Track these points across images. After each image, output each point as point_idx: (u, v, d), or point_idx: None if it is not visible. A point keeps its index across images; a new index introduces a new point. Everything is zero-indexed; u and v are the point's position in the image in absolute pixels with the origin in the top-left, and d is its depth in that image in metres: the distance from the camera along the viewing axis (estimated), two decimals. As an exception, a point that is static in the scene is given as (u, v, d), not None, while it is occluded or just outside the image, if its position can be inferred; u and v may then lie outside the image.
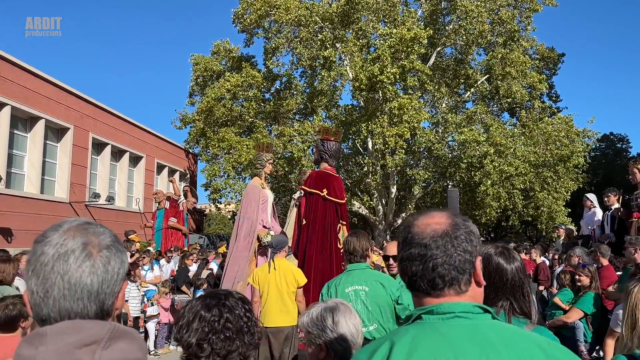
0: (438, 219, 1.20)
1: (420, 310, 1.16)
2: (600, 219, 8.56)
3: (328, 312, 2.01)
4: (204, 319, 1.51)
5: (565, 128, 18.77)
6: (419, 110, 17.51)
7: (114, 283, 1.09)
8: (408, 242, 1.19)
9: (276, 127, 20.73)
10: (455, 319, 1.11)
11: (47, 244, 1.07)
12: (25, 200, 14.15)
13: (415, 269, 1.16)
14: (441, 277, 1.15)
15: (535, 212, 19.06)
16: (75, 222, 1.13)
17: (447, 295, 1.16)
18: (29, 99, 14.29)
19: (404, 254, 1.19)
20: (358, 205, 21.09)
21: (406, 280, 1.19)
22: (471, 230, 1.20)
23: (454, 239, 1.16)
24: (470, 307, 1.13)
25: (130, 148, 19.87)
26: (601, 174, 29.28)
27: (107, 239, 1.12)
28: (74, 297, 1.04)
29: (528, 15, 20.40)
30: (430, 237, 1.16)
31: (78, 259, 1.05)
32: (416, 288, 1.18)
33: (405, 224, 1.25)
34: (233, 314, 1.53)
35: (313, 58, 20.23)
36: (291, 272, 5.26)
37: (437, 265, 1.15)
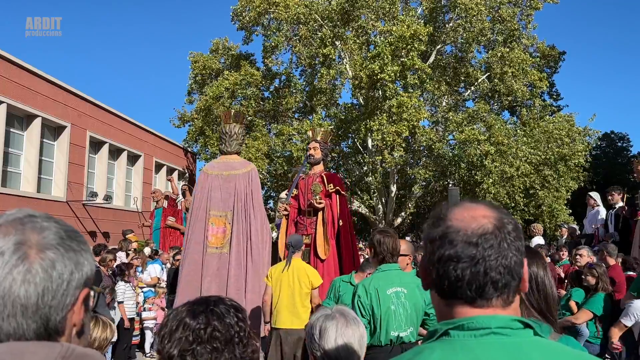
0: (483, 211, 0.99)
1: (448, 325, 0.95)
2: (604, 218, 8.47)
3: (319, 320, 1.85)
4: (189, 327, 1.32)
5: (566, 127, 18.67)
6: (419, 109, 17.39)
7: (64, 293, 0.85)
8: (447, 240, 0.96)
9: (275, 126, 20.61)
10: (491, 335, 0.91)
11: None
12: (22, 199, 14.01)
13: (460, 272, 0.94)
14: (494, 283, 0.94)
15: (537, 211, 18.95)
16: (12, 216, 0.88)
17: (494, 306, 0.95)
18: (26, 97, 14.15)
19: (442, 253, 0.96)
20: (358, 204, 20.97)
21: (444, 285, 0.97)
22: (517, 225, 1.00)
23: (507, 234, 0.96)
24: (508, 322, 0.93)
25: (128, 147, 19.73)
26: (602, 173, 29.20)
27: (52, 235, 0.87)
28: (2, 314, 0.81)
29: (529, 13, 20.28)
30: (480, 234, 0.95)
31: (7, 264, 0.82)
32: (458, 295, 0.96)
33: (437, 217, 1.02)
34: (223, 322, 1.33)
35: (312, 56, 20.10)
36: (305, 273, 5.13)
37: (490, 268, 0.93)
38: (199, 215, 6.12)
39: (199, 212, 6.13)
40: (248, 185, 6.17)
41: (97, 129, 17.61)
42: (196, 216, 6.14)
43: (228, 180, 6.17)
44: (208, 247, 5.95)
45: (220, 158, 6.48)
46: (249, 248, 5.93)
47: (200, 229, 6.06)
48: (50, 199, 15.37)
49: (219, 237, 6.00)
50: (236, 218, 6.04)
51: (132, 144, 19.94)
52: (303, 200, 6.98)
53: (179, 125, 23.44)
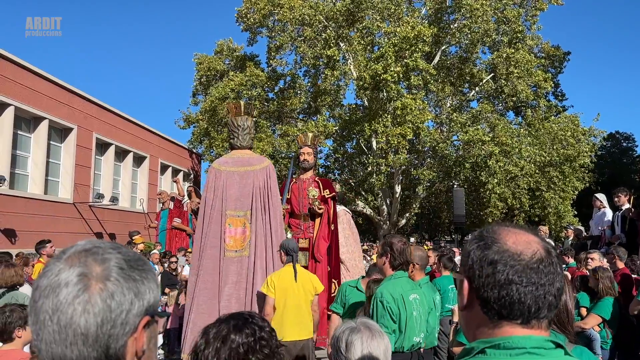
0: (531, 237, 1.07)
1: (485, 344, 1.00)
2: (611, 220, 8.44)
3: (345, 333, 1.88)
4: (235, 341, 1.36)
5: (571, 127, 18.64)
6: (423, 111, 17.39)
7: (123, 322, 0.88)
8: (509, 264, 1.01)
9: (280, 127, 20.64)
10: (525, 355, 0.97)
11: (44, 275, 0.89)
12: (29, 201, 14.09)
13: (522, 295, 1.00)
14: (549, 306, 1.01)
15: (542, 212, 18.93)
16: (80, 247, 0.93)
17: (543, 327, 1.02)
18: (33, 99, 14.23)
19: (504, 276, 1.01)
20: (362, 205, 21.00)
21: (501, 306, 1.01)
22: (557, 251, 1.09)
23: (556, 259, 1.05)
24: (542, 342, 0.99)
25: (134, 148, 19.81)
26: (607, 173, 29.13)
27: (113, 266, 0.91)
28: (65, 342, 0.85)
29: (534, 14, 20.26)
30: (538, 259, 1.02)
31: (70, 294, 0.86)
32: (512, 317, 1.01)
33: (485, 238, 1.07)
34: (264, 331, 1.40)
35: (317, 57, 20.14)
36: (309, 279, 4.76)
37: (549, 292, 1.01)
38: (213, 216, 5.62)
39: (213, 213, 5.63)
40: (266, 181, 5.76)
41: (103, 130, 17.70)
42: (210, 217, 5.62)
43: (245, 176, 5.72)
44: (226, 251, 5.52)
45: (232, 153, 5.98)
46: (272, 249, 5.51)
47: (216, 232, 5.58)
48: (57, 201, 15.46)
49: (237, 239, 5.58)
50: (256, 217, 5.60)
51: (137, 145, 20.03)
52: (298, 205, 7.05)
53: (184, 127, 23.52)
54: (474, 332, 1.06)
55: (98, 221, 17.04)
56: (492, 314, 1.02)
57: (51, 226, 14.45)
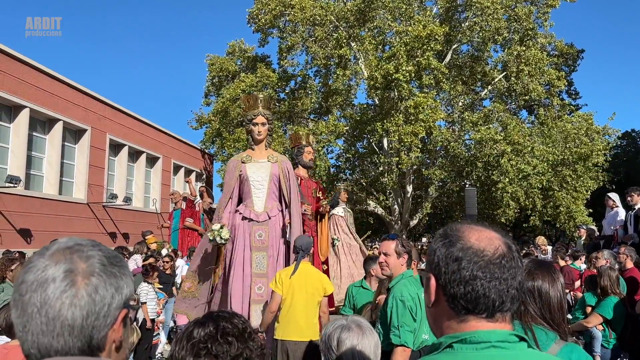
0: (492, 233, 1.10)
1: (453, 339, 1.04)
2: (623, 219, 8.36)
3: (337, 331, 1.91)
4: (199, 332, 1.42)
5: (585, 126, 18.43)
6: (435, 109, 17.33)
7: (105, 314, 0.95)
8: (472, 260, 1.05)
9: (291, 127, 20.70)
10: (490, 349, 1.01)
11: (30, 271, 0.94)
12: (44, 202, 14.32)
13: (486, 290, 1.03)
14: (512, 299, 1.05)
15: (555, 212, 18.74)
16: (63, 244, 0.99)
17: (507, 320, 1.06)
18: (47, 101, 14.46)
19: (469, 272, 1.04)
20: (374, 204, 20.97)
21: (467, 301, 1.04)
22: (517, 246, 1.13)
23: (517, 254, 1.09)
24: (506, 336, 1.03)
25: (147, 149, 20.01)
26: (622, 172, 28.74)
27: (96, 263, 0.97)
28: (52, 333, 0.91)
29: (545, 11, 20.06)
30: (500, 254, 1.06)
31: (58, 289, 0.92)
32: (477, 311, 1.04)
33: (448, 236, 1.10)
34: (231, 322, 1.44)
35: (328, 57, 20.16)
36: (319, 279, 4.60)
37: (511, 285, 1.05)
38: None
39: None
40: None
41: (117, 131, 17.91)
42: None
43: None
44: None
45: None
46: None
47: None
48: (72, 201, 15.68)
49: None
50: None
51: (150, 146, 20.23)
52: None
53: (197, 127, 23.70)
54: (442, 328, 1.10)
55: (112, 221, 17.25)
56: (459, 309, 1.06)
57: (66, 226, 14.66)
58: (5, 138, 13.54)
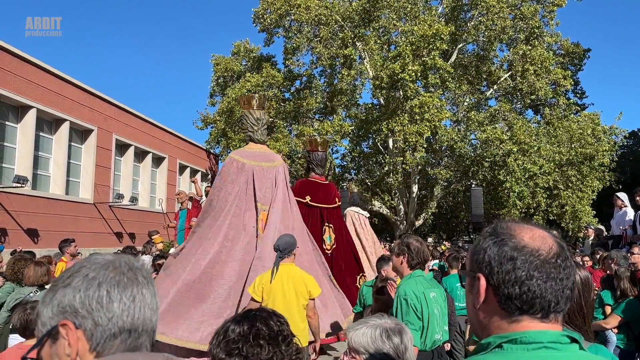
0: (544, 232, 1.07)
1: (502, 338, 1.01)
2: (632, 219, 8.30)
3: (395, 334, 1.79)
4: (234, 331, 1.46)
5: (591, 126, 18.36)
6: (441, 109, 17.30)
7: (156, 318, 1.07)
8: (528, 259, 1.02)
9: (296, 127, 20.70)
10: (542, 349, 0.98)
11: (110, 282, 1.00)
12: (51, 202, 14.37)
13: (542, 290, 1.01)
14: (567, 299, 1.03)
15: (560, 212, 18.67)
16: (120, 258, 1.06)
17: (556, 322, 1.04)
18: (54, 102, 14.50)
19: (524, 272, 1.01)
20: (379, 204, 20.95)
21: (521, 301, 1.01)
22: (569, 247, 1.13)
23: (569, 253, 1.06)
24: (558, 337, 1.00)
25: (153, 149, 20.05)
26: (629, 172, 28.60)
27: (145, 272, 1.07)
28: (139, 333, 1.00)
29: (551, 9, 20.00)
30: (554, 254, 1.03)
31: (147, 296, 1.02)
32: (531, 311, 1.01)
33: (499, 234, 1.06)
34: (266, 324, 1.46)
35: (333, 57, 20.16)
36: (303, 282, 4.29)
37: (566, 286, 1.02)
38: (247, 203, 5.52)
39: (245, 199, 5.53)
40: (287, 177, 5.81)
41: (123, 132, 17.95)
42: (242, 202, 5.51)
43: (268, 172, 5.67)
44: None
45: (252, 147, 5.87)
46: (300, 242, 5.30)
47: (252, 217, 5.52)
48: (78, 201, 15.72)
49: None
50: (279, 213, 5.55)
51: (156, 146, 20.27)
52: None
53: (202, 127, 23.74)
54: (490, 329, 1.06)
55: (118, 221, 17.29)
56: (512, 309, 1.03)
57: (72, 226, 14.71)
58: (12, 138, 13.59)
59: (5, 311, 4.70)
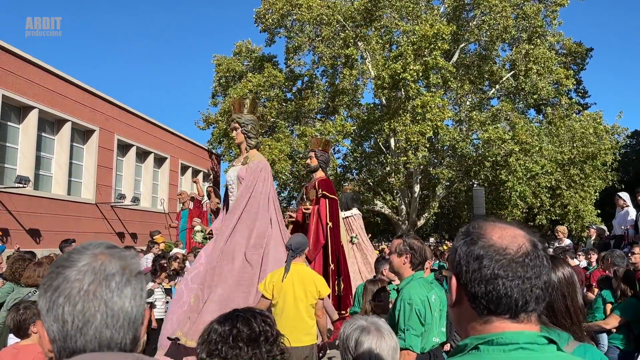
0: (517, 230, 1.06)
1: (479, 340, 1.01)
2: (634, 218, 8.28)
3: (355, 332, 1.88)
4: (216, 331, 1.46)
5: (592, 125, 18.30)
6: (443, 109, 17.28)
7: (144, 309, 1.04)
8: (494, 258, 1.02)
9: (298, 127, 20.70)
10: (519, 350, 0.98)
11: (81, 270, 0.97)
12: (53, 202, 14.40)
13: (509, 289, 1.00)
14: (537, 299, 1.01)
15: (562, 211, 18.62)
16: (102, 246, 1.04)
17: (532, 321, 1.02)
18: (56, 102, 14.54)
19: (490, 271, 1.01)
20: (380, 204, 20.93)
21: (489, 301, 1.01)
22: (545, 244, 1.09)
23: (542, 252, 1.05)
24: (535, 337, 1.00)
25: (155, 149, 20.08)
26: (632, 171, 28.50)
27: (138, 263, 1.05)
28: (115, 326, 0.97)
29: (554, 9, 19.95)
30: (523, 253, 1.02)
31: (119, 284, 0.99)
32: (500, 311, 1.01)
33: (471, 234, 1.07)
34: (248, 324, 1.45)
35: (335, 57, 20.15)
36: (313, 282, 4.32)
37: (535, 285, 1.01)
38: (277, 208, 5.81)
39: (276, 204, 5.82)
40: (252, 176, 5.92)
41: (125, 132, 17.98)
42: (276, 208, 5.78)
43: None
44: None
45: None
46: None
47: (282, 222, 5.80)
48: (80, 201, 15.76)
49: None
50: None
51: (158, 146, 20.30)
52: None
53: (204, 128, 23.73)
54: (466, 328, 1.07)
55: (120, 221, 17.32)
56: (481, 309, 1.03)
57: (74, 226, 14.74)
58: (15, 139, 13.63)
59: (4, 311, 4.73)
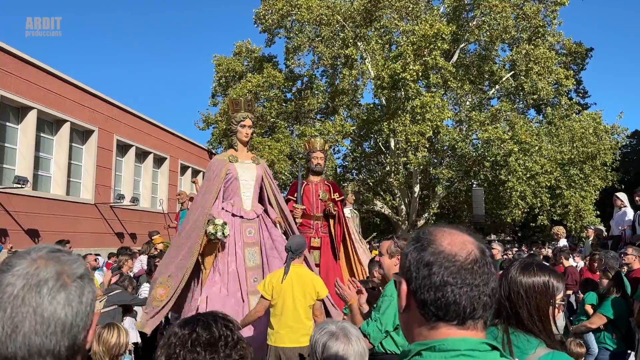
0: (466, 237, 1.06)
1: (422, 346, 1.01)
2: (632, 219, 8.24)
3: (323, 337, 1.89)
4: (176, 334, 1.44)
5: (592, 125, 18.27)
6: (442, 109, 17.26)
7: (87, 315, 1.00)
8: (443, 265, 1.01)
9: (298, 127, 20.70)
10: (460, 357, 0.98)
11: (15, 274, 0.96)
12: (52, 202, 14.41)
13: (457, 297, 0.99)
14: (484, 306, 1.01)
15: (563, 211, 18.59)
16: (45, 249, 1.02)
17: (479, 327, 1.02)
18: (55, 102, 14.55)
19: (439, 278, 1.00)
20: (380, 205, 20.92)
21: (437, 308, 1.00)
22: (491, 250, 1.09)
23: (490, 259, 1.04)
24: (477, 344, 1.00)
25: (155, 149, 20.09)
26: (633, 172, 28.44)
27: (80, 267, 1.02)
28: (46, 332, 0.94)
29: (554, 9, 19.92)
30: (472, 260, 1.02)
31: (52, 290, 0.96)
32: (447, 318, 1.01)
33: (421, 240, 1.06)
34: (208, 329, 1.44)
35: (334, 57, 20.14)
36: (312, 283, 4.39)
37: (483, 292, 1.01)
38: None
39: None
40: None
41: (124, 132, 17.99)
42: None
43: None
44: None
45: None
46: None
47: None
48: (79, 202, 15.77)
49: None
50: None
51: (158, 146, 20.31)
52: (310, 206, 7.17)
53: (204, 128, 23.74)
54: (412, 334, 1.07)
55: (119, 221, 17.34)
56: (429, 315, 1.02)
57: (73, 226, 14.75)
58: (13, 139, 13.65)
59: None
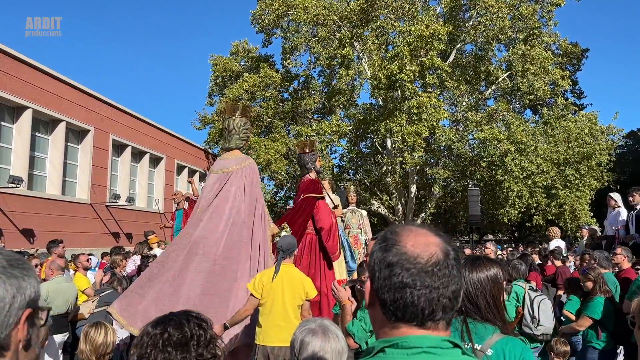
0: (431, 237, 1.06)
1: (385, 343, 1.02)
2: (625, 219, 8.27)
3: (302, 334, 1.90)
4: (148, 334, 1.45)
5: (588, 125, 18.33)
6: (439, 109, 17.29)
7: (7, 314, 0.96)
8: (404, 267, 1.01)
9: (294, 127, 20.71)
10: (422, 354, 0.99)
11: None
12: (47, 202, 14.38)
13: (415, 299, 1.00)
14: (444, 308, 1.01)
15: (558, 211, 18.64)
16: None
17: (440, 328, 1.03)
18: (50, 102, 14.52)
19: (399, 279, 1.01)
20: (377, 204, 20.94)
21: (396, 308, 1.01)
22: (457, 251, 1.08)
23: (453, 261, 1.04)
24: (439, 342, 1.01)
25: (151, 149, 20.06)
26: (628, 172, 28.52)
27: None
28: None
29: (549, 9, 19.96)
30: (433, 262, 1.02)
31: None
32: (407, 319, 1.01)
33: (387, 240, 1.06)
34: (180, 328, 1.44)
35: (331, 57, 20.17)
36: (301, 283, 4.40)
37: (443, 295, 1.01)
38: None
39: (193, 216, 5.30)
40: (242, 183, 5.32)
41: (120, 132, 17.96)
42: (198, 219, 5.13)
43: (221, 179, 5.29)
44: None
45: (223, 156, 5.66)
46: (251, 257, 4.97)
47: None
48: (75, 201, 15.74)
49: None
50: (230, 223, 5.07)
51: (154, 146, 20.27)
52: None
53: (200, 128, 23.77)
54: (378, 331, 1.08)
55: (115, 221, 17.31)
56: (389, 315, 1.03)
57: (69, 226, 14.72)
58: (8, 139, 13.62)
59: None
